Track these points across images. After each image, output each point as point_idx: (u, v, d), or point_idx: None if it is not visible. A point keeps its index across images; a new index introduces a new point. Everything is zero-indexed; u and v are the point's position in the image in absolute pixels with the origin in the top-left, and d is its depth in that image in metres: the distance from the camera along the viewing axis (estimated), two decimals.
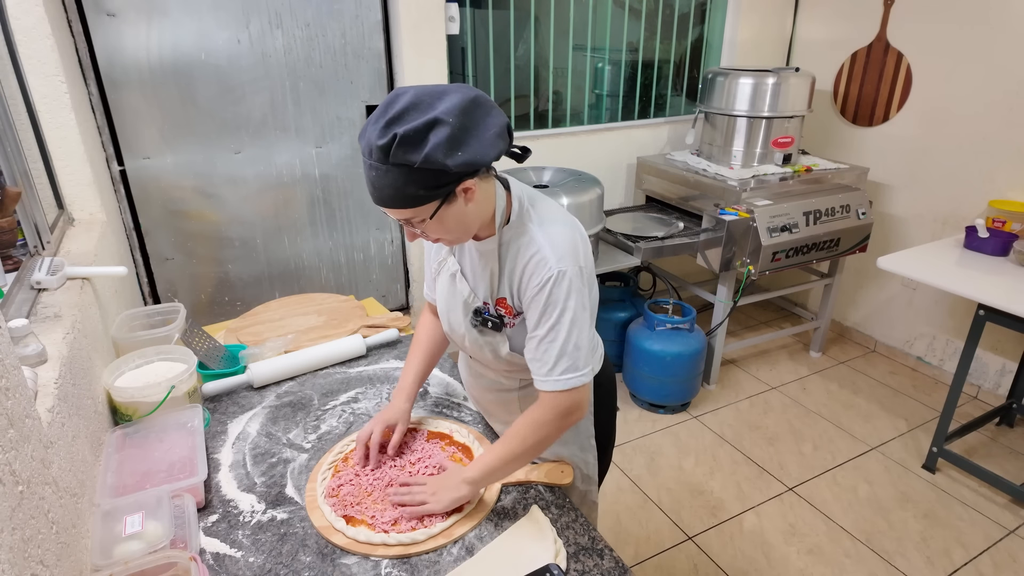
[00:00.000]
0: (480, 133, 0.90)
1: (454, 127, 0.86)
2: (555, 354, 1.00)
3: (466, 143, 0.89)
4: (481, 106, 0.91)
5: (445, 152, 0.86)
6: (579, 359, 1.01)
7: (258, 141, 2.34)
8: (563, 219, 1.05)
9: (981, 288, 2.14)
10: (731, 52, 3.28)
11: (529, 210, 1.05)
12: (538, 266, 0.99)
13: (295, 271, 2.58)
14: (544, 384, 1.03)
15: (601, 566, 0.97)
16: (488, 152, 0.91)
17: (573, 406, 1.03)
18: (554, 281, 0.98)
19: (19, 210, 1.36)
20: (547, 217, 1.04)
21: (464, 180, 0.92)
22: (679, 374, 2.68)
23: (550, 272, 0.98)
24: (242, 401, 1.41)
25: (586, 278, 1.02)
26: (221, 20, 2.14)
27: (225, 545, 1.01)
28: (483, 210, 1.01)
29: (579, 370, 1.01)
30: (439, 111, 0.86)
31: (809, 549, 2.07)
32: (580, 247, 1.02)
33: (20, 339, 0.97)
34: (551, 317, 0.99)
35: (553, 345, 1.00)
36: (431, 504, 1.03)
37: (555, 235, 1.01)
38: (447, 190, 0.91)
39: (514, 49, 2.78)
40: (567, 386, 1.01)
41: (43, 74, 1.59)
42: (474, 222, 1.00)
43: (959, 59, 2.71)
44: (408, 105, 0.87)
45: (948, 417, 2.32)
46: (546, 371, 1.02)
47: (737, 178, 2.71)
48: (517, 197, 1.05)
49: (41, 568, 0.71)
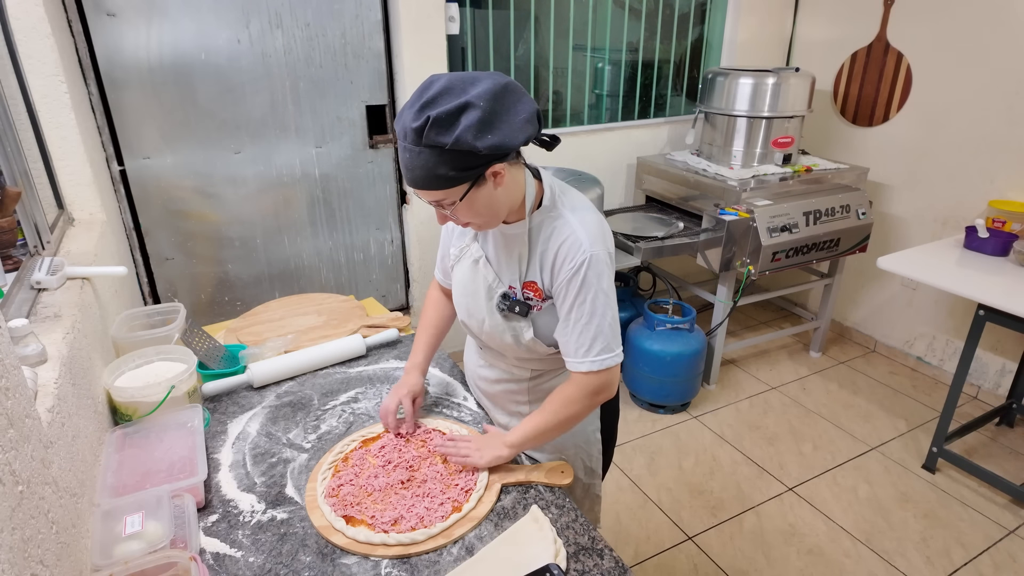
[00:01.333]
0: (510, 118, 0.93)
1: (485, 111, 0.90)
2: (591, 335, 1.05)
3: (496, 127, 0.92)
4: (512, 92, 0.95)
5: (475, 134, 0.90)
6: (612, 340, 1.06)
7: (258, 141, 2.34)
8: (592, 207, 1.11)
9: (981, 288, 2.13)
10: (731, 52, 3.28)
11: (561, 196, 1.10)
12: (572, 248, 1.03)
13: (295, 271, 2.58)
14: (579, 365, 1.07)
15: (601, 566, 0.97)
16: (517, 136, 0.94)
17: (603, 385, 1.09)
18: (588, 263, 1.02)
19: (19, 210, 1.36)
20: (578, 204, 1.09)
21: (493, 164, 0.95)
22: (679, 374, 2.68)
23: (585, 254, 1.02)
24: (242, 401, 1.41)
25: (612, 263, 1.07)
26: (221, 20, 2.14)
27: (225, 545, 1.01)
28: (512, 195, 1.04)
29: (612, 351, 1.06)
30: (471, 95, 0.90)
31: (809, 549, 2.07)
32: (607, 234, 1.08)
33: (20, 339, 0.97)
34: (586, 298, 1.03)
35: (590, 326, 1.04)
36: (474, 458, 1.10)
37: (588, 220, 1.06)
38: (477, 172, 0.95)
39: (514, 49, 2.78)
40: (602, 366, 1.06)
41: (43, 74, 1.59)
42: (503, 207, 1.04)
43: (959, 59, 2.71)
44: (442, 90, 0.91)
45: (948, 417, 2.32)
46: (583, 352, 1.06)
47: (737, 178, 2.71)
48: (548, 185, 1.10)
49: (41, 568, 0.71)
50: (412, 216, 2.70)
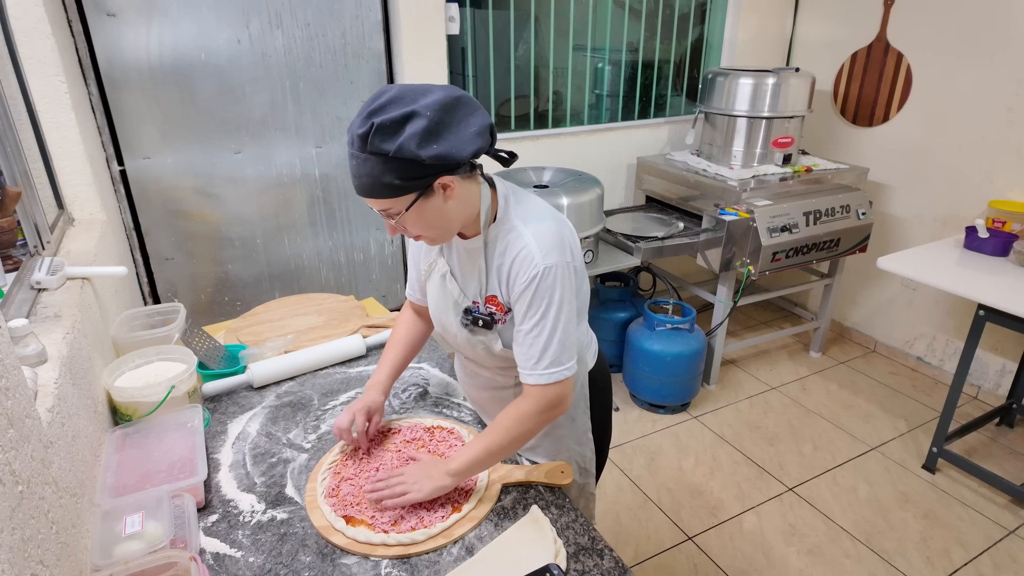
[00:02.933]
0: (459, 129, 0.93)
1: (431, 120, 0.90)
2: (540, 348, 1.03)
3: (442, 137, 0.92)
4: (464, 105, 0.95)
5: (419, 143, 0.89)
6: (563, 354, 1.04)
7: (258, 141, 2.34)
8: (549, 215, 1.07)
9: (981, 288, 2.14)
10: (731, 52, 3.28)
11: (515, 207, 1.07)
12: (525, 262, 1.01)
13: (295, 271, 2.58)
14: (529, 378, 1.05)
15: (601, 566, 0.97)
16: (464, 148, 0.93)
17: (557, 399, 1.06)
18: (540, 276, 1.00)
19: (19, 210, 1.36)
20: (533, 214, 1.06)
21: (441, 175, 0.95)
22: (679, 374, 2.68)
23: (536, 268, 1.00)
24: (242, 401, 1.41)
25: (573, 273, 1.04)
26: (221, 20, 2.14)
27: (225, 545, 1.01)
28: (466, 209, 1.03)
29: (563, 364, 1.04)
30: (418, 105, 0.90)
31: (809, 549, 2.07)
32: (567, 242, 1.05)
33: (20, 339, 0.97)
34: (537, 312, 1.02)
35: (539, 339, 1.03)
36: (412, 494, 1.03)
37: (541, 231, 1.03)
38: (423, 183, 0.94)
39: (514, 49, 2.78)
40: (552, 379, 1.04)
41: (43, 74, 1.59)
42: (455, 220, 1.03)
43: (959, 59, 2.71)
44: (391, 98, 0.91)
45: (948, 417, 2.32)
46: (532, 364, 1.04)
47: (737, 178, 2.71)
48: (503, 195, 1.07)
49: (41, 568, 0.71)
50: None
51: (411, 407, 1.38)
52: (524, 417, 1.06)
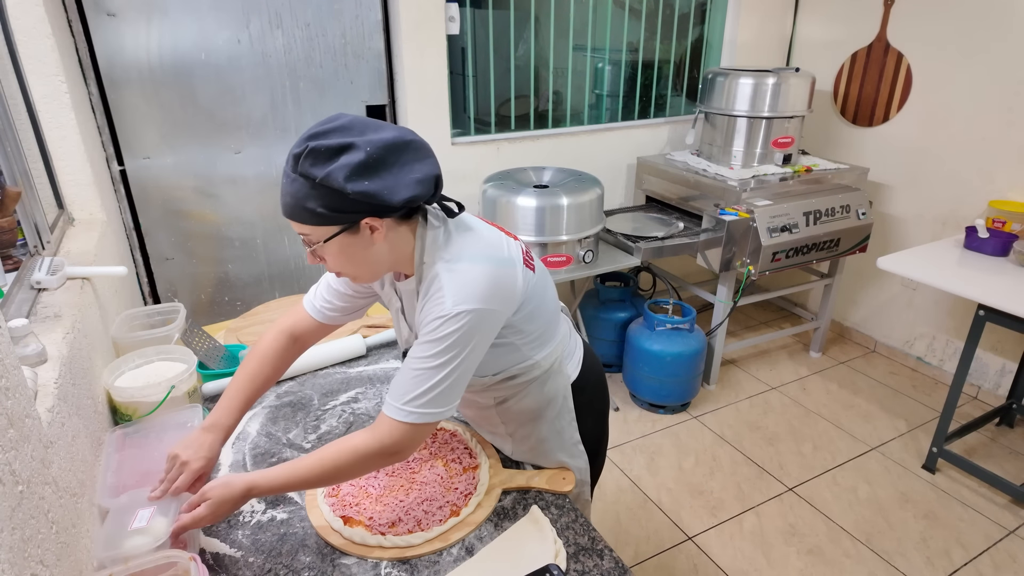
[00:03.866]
0: (397, 172, 0.88)
1: (369, 156, 0.86)
2: (415, 384, 0.93)
3: (376, 175, 0.87)
4: (413, 150, 0.90)
5: (347, 176, 0.85)
6: (438, 401, 0.94)
7: (258, 141, 2.34)
8: (477, 255, 0.97)
9: (981, 288, 2.13)
10: (731, 52, 3.28)
11: (444, 249, 0.97)
12: (436, 304, 0.93)
13: (295, 271, 2.58)
14: (389, 409, 0.95)
15: (601, 566, 0.97)
16: (397, 192, 0.88)
17: (402, 442, 0.95)
18: (444, 320, 0.91)
19: (19, 210, 1.36)
20: (460, 255, 0.96)
21: (369, 216, 0.90)
22: (679, 374, 2.68)
23: (444, 311, 0.92)
24: None
25: (490, 321, 0.95)
26: (221, 20, 2.14)
27: (225, 545, 1.01)
28: (395, 252, 0.98)
29: (429, 407, 0.94)
30: (362, 139, 0.86)
31: (809, 549, 2.07)
32: (492, 288, 0.94)
33: (20, 339, 0.97)
34: (430, 351, 0.93)
35: (420, 377, 0.93)
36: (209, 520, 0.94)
37: (461, 276, 0.94)
38: (348, 219, 0.89)
39: (514, 49, 2.78)
40: (410, 419, 0.93)
41: (43, 74, 1.59)
42: (381, 263, 0.98)
43: (959, 59, 2.71)
44: (337, 127, 0.88)
45: (948, 417, 2.32)
46: (399, 395, 0.94)
47: (737, 178, 2.71)
48: (435, 233, 0.99)
49: (41, 568, 0.71)
50: None
51: None
52: (359, 453, 0.95)
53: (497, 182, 2.47)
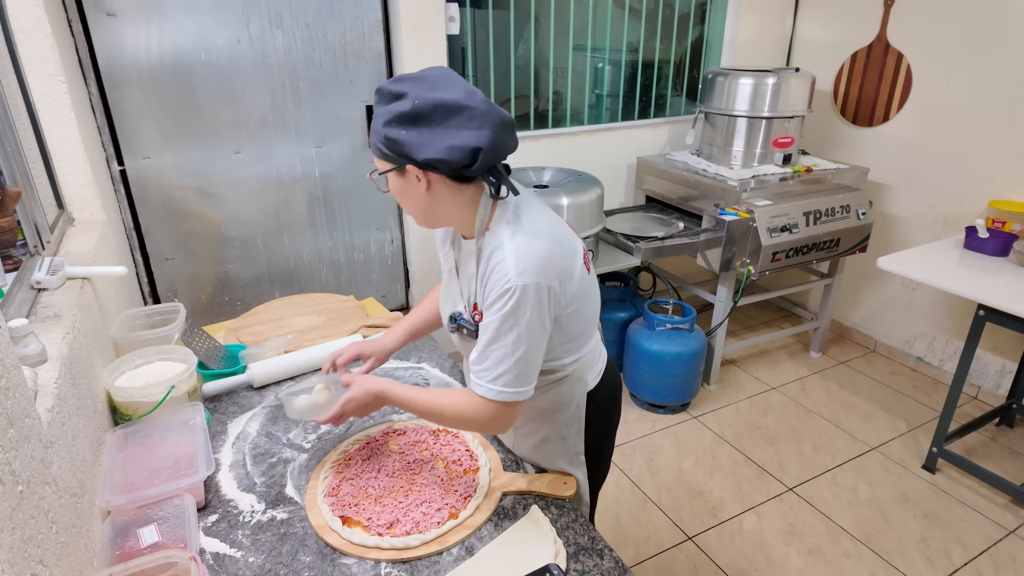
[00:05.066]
0: (434, 130, 0.92)
1: (414, 109, 0.91)
2: (493, 362, 0.99)
3: (414, 128, 0.93)
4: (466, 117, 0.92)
5: (387, 121, 0.93)
6: (517, 377, 0.99)
7: (258, 141, 2.34)
8: (545, 232, 1.01)
9: (981, 288, 2.13)
10: (731, 52, 3.28)
11: (512, 220, 1.02)
12: (500, 276, 0.96)
13: (295, 271, 2.58)
14: (477, 388, 1.01)
15: (601, 566, 0.97)
16: (423, 150, 0.92)
17: (496, 418, 1.02)
18: (510, 293, 0.95)
19: (19, 210, 1.36)
20: (527, 228, 1.00)
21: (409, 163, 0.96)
22: (679, 374, 2.68)
23: (509, 284, 0.95)
24: (242, 401, 1.41)
25: (549, 297, 0.98)
26: (221, 20, 2.14)
27: (225, 545, 1.01)
28: (453, 211, 1.03)
29: (513, 387, 0.99)
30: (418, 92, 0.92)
31: (809, 549, 2.07)
32: (553, 264, 0.99)
33: (20, 339, 0.97)
34: (501, 327, 0.97)
35: (495, 354, 0.98)
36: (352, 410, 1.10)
37: (526, 247, 0.97)
38: (396, 160, 0.97)
39: (514, 49, 2.78)
40: (498, 398, 0.99)
41: (43, 74, 1.59)
42: (435, 214, 1.04)
43: (959, 59, 2.71)
44: (417, 77, 0.96)
45: (948, 417, 2.32)
46: (482, 373, 1.00)
47: (737, 178, 2.71)
48: (504, 204, 1.03)
49: (41, 568, 0.71)
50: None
51: None
52: (462, 413, 1.04)
53: None
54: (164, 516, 1.00)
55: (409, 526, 1.02)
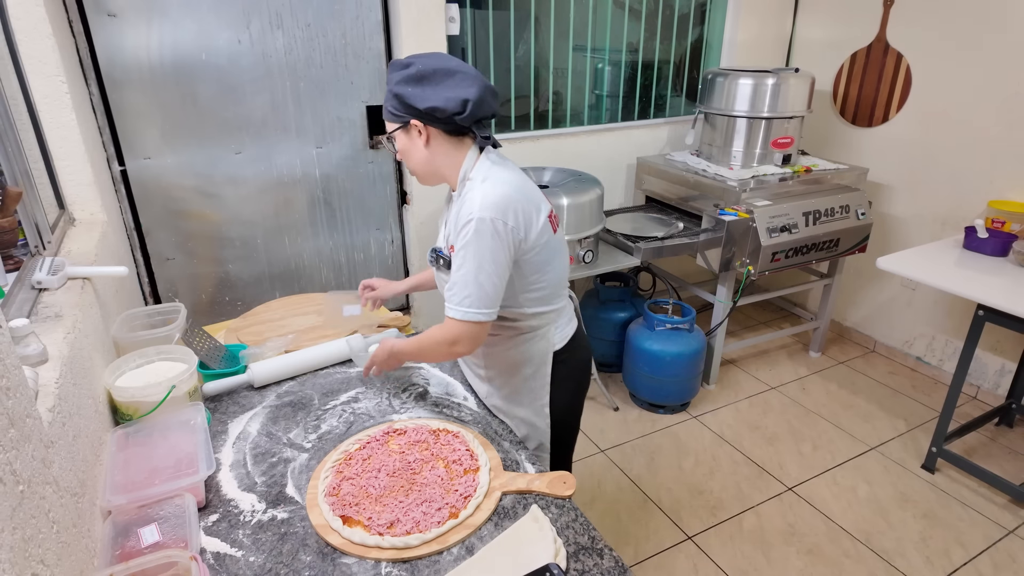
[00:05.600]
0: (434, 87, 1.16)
1: (418, 71, 1.15)
2: (458, 285, 1.17)
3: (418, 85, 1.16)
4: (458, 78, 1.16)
5: (398, 81, 1.17)
6: (472, 300, 1.17)
7: (259, 141, 2.34)
8: (511, 182, 1.20)
9: (980, 288, 2.14)
10: (731, 53, 3.28)
11: (487, 170, 1.21)
12: (467, 211, 1.16)
13: (295, 271, 2.59)
14: (448, 311, 1.20)
15: (601, 565, 0.97)
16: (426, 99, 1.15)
17: (459, 337, 1.20)
18: (471, 225, 1.14)
19: (20, 210, 1.36)
20: (496, 178, 1.20)
21: (414, 117, 1.18)
22: (679, 374, 2.68)
23: (471, 216, 1.15)
24: (242, 401, 1.42)
25: (506, 233, 1.16)
26: (222, 20, 2.15)
27: (226, 545, 1.01)
28: (446, 163, 1.24)
29: (473, 307, 1.17)
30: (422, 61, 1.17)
31: (809, 549, 2.07)
32: (512, 205, 1.17)
33: (21, 339, 0.97)
34: (461, 253, 1.17)
35: (460, 279, 1.17)
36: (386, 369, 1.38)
37: (491, 189, 1.17)
38: (402, 118, 1.20)
39: (514, 49, 2.78)
40: (460, 316, 1.18)
41: (44, 74, 1.59)
42: (433, 167, 1.25)
43: (959, 60, 2.71)
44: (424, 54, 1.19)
45: (947, 417, 2.32)
46: (449, 297, 1.20)
47: (737, 178, 2.71)
48: (485, 159, 1.24)
49: (42, 568, 0.71)
50: (412, 216, 2.70)
51: (411, 407, 1.38)
52: (433, 342, 1.24)
53: None
54: (165, 516, 1.00)
55: (409, 525, 1.02)
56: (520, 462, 1.21)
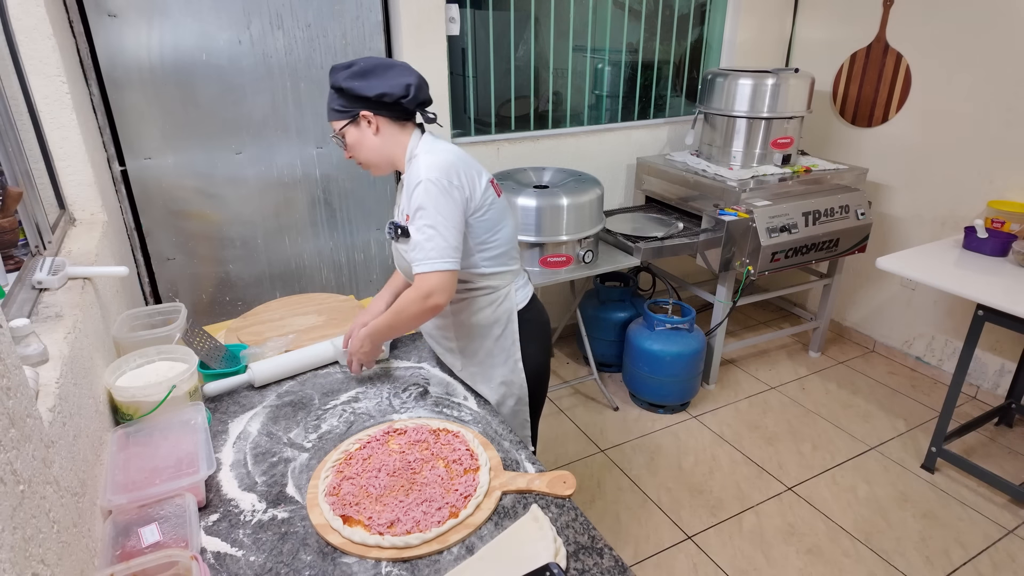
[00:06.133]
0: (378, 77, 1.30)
1: (361, 68, 1.30)
2: (417, 242, 1.27)
3: (364, 79, 1.29)
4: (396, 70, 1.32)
5: (346, 78, 1.29)
6: (434, 251, 1.26)
7: (259, 141, 2.34)
8: (450, 151, 1.34)
9: (980, 288, 2.14)
10: (731, 53, 3.28)
11: (428, 146, 1.34)
12: (413, 176, 1.30)
13: (296, 271, 2.59)
14: (415, 268, 1.28)
15: (601, 565, 0.97)
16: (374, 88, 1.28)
17: (431, 289, 1.27)
18: (420, 187, 1.27)
19: (20, 210, 1.37)
20: (438, 148, 1.34)
21: (364, 108, 1.31)
22: (678, 374, 2.68)
23: (418, 178, 1.27)
24: (243, 400, 1.42)
25: (452, 191, 1.27)
26: (222, 21, 2.15)
27: (226, 544, 1.02)
28: (394, 148, 1.36)
29: (434, 259, 1.26)
30: (362, 60, 1.31)
31: (808, 549, 2.07)
32: (454, 169, 1.29)
33: (21, 339, 0.98)
34: (415, 213, 1.28)
35: (417, 236, 1.27)
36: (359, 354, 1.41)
37: (432, 157, 1.30)
38: (352, 111, 1.31)
39: (514, 50, 2.78)
40: (429, 268, 1.26)
41: (44, 74, 1.59)
42: (385, 155, 1.36)
43: (958, 60, 2.71)
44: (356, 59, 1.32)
45: (947, 417, 2.32)
46: (413, 255, 1.29)
47: (736, 179, 2.71)
48: (426, 136, 1.38)
49: (42, 567, 0.71)
50: None
51: (411, 407, 1.39)
52: (409, 300, 1.30)
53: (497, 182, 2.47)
54: (165, 515, 1.00)
55: (410, 525, 1.02)
56: (520, 462, 1.21)
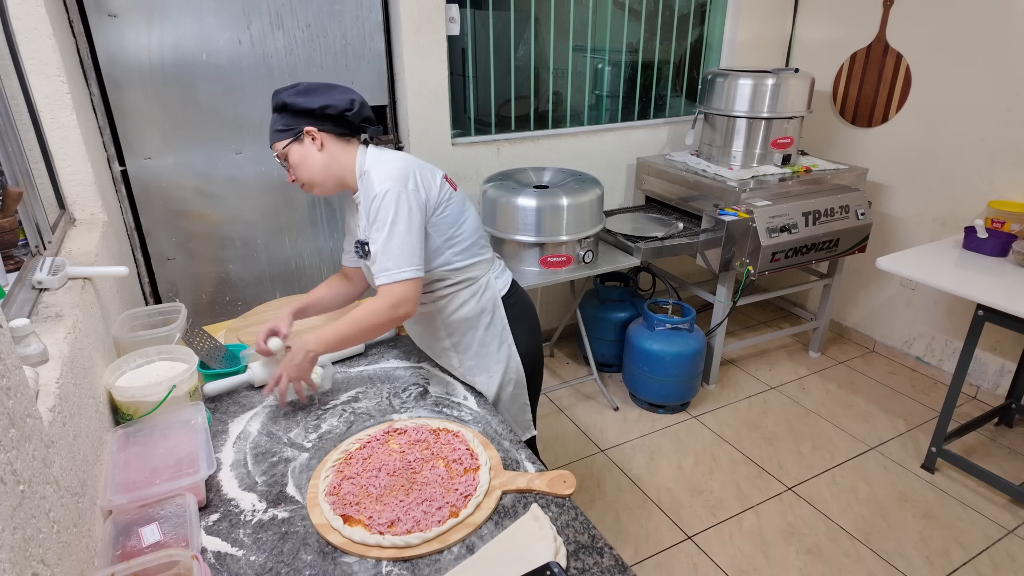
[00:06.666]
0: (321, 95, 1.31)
1: (305, 87, 1.32)
2: (379, 254, 1.26)
3: (307, 96, 1.30)
4: (338, 90, 1.33)
5: (290, 95, 1.31)
6: (398, 259, 1.26)
7: (259, 141, 2.34)
8: (399, 158, 1.34)
9: (980, 288, 2.14)
10: (731, 53, 3.28)
11: (375, 158, 1.34)
12: (370, 192, 1.28)
13: (296, 271, 2.59)
14: (377, 278, 1.28)
15: (601, 564, 0.97)
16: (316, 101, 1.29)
17: (399, 299, 1.27)
18: (378, 199, 1.26)
19: (20, 210, 1.37)
20: (386, 158, 1.34)
21: (307, 124, 1.31)
22: (678, 374, 2.68)
23: (375, 192, 1.27)
24: (243, 400, 1.42)
25: (410, 196, 1.27)
26: (222, 21, 2.15)
27: (226, 544, 1.02)
28: (341, 166, 1.35)
29: (400, 268, 1.26)
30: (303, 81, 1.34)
31: (808, 549, 2.07)
32: (408, 172, 1.29)
33: (21, 339, 0.98)
34: (375, 225, 1.27)
35: (378, 247, 1.27)
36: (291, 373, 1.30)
37: (383, 167, 1.30)
38: (295, 129, 1.32)
39: (514, 50, 2.78)
40: (390, 279, 1.26)
41: (44, 74, 1.59)
42: (331, 173, 1.35)
43: (958, 60, 2.71)
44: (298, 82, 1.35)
45: (947, 417, 2.32)
46: (377, 268, 1.27)
47: (736, 179, 2.71)
48: (370, 149, 1.37)
49: (42, 567, 0.71)
50: None
51: (411, 407, 1.39)
52: (372, 311, 1.28)
53: (497, 183, 2.47)
54: (165, 515, 1.00)
55: (410, 524, 1.02)
56: (520, 461, 1.21)
